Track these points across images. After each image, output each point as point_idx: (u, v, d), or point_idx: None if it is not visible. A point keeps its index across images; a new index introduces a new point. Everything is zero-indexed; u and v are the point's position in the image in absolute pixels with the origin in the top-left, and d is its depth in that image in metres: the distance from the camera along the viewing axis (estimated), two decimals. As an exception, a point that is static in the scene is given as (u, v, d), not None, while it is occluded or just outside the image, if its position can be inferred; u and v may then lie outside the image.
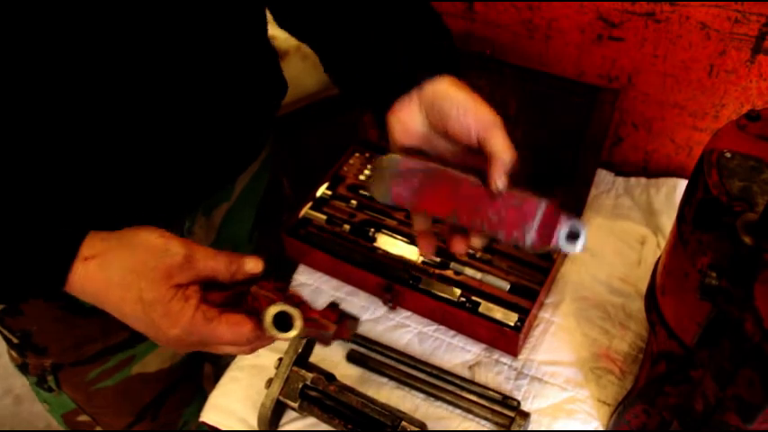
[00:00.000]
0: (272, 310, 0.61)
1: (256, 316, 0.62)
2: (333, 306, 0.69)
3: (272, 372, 0.83)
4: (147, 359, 0.98)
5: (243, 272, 0.64)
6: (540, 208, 0.60)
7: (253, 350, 0.66)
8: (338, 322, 0.67)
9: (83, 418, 1.05)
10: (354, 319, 0.72)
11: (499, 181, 0.63)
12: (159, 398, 1.04)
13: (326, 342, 0.68)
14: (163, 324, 0.60)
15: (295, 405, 0.82)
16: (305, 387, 0.82)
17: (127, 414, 1.06)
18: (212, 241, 0.99)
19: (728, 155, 0.65)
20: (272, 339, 0.64)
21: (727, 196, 0.61)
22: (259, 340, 0.63)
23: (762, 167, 0.64)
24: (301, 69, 1.81)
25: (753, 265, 0.53)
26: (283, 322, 0.61)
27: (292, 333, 0.61)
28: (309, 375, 0.82)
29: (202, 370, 1.13)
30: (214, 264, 0.63)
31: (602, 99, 0.95)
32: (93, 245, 0.61)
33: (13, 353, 0.93)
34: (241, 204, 1.02)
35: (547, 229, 0.60)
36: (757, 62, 0.95)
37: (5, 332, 0.90)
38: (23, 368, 0.94)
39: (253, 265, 0.64)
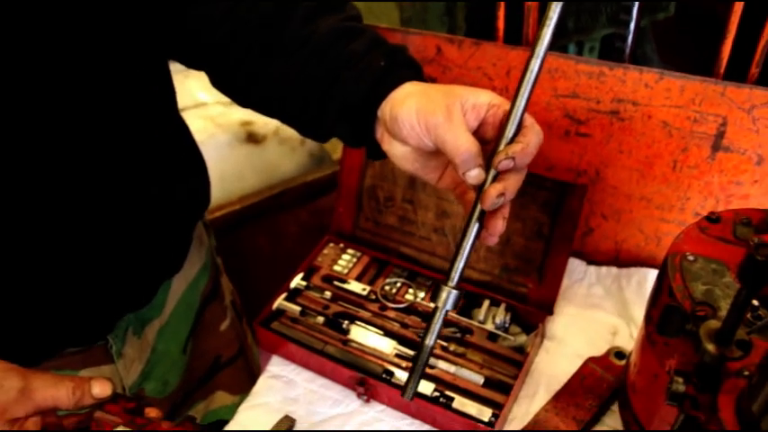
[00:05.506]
0: None
1: None
2: (187, 422, 0.69)
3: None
4: None
5: (90, 396, 0.64)
6: None
7: None
8: None
9: None
10: None
11: (469, 177, 0.60)
12: None
13: None
14: None
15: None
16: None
17: None
18: (147, 358, 0.97)
19: (691, 258, 0.67)
20: None
21: (690, 300, 0.63)
22: None
23: (723, 271, 0.66)
24: (279, 154, 1.84)
25: (716, 373, 0.54)
26: None
27: None
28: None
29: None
30: (55, 392, 0.62)
31: (570, 194, 0.98)
32: None
33: None
34: (176, 319, 1.01)
35: None
36: (717, 159, 0.99)
37: None
38: None
39: (100, 389, 0.64)
